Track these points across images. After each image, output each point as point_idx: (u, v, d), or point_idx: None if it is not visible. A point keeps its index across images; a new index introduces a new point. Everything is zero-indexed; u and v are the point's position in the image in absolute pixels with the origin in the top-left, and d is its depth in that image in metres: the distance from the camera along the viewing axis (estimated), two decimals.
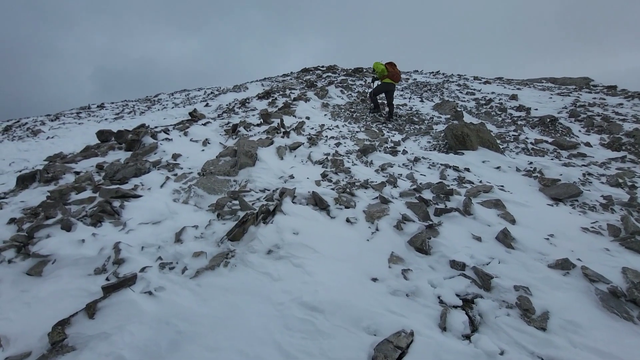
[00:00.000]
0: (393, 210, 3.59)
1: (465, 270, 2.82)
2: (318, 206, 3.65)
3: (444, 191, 3.89)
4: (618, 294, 2.60)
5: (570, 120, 8.90)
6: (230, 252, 2.97)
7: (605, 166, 5.47)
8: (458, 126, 5.66)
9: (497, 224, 3.39)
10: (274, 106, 9.75)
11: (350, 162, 4.98)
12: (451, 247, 3.06)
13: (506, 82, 16.90)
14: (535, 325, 2.31)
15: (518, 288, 2.59)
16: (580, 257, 3.04)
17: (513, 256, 3.02)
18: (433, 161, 5.10)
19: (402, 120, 8.53)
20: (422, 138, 6.65)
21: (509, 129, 8.12)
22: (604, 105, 10.97)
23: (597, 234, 3.42)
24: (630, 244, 3.20)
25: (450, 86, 14.28)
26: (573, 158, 5.89)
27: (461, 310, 2.43)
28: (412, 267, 2.91)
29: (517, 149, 6.30)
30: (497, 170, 5.00)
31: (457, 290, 2.60)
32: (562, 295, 2.62)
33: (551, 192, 4.24)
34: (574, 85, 15.74)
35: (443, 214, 3.55)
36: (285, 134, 5.97)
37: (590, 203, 4.01)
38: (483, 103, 11.29)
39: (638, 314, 2.48)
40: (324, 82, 14.56)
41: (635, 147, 6.48)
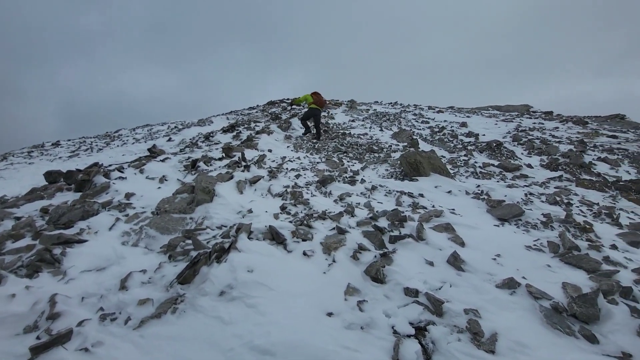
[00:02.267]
0: (350, 240, 3.59)
1: (418, 296, 2.83)
2: (275, 240, 3.58)
3: (399, 218, 3.97)
4: (560, 309, 2.71)
5: (514, 144, 9.62)
6: (180, 297, 2.79)
7: (544, 185, 5.89)
8: (411, 154, 5.92)
9: (448, 248, 3.48)
10: (238, 139, 9.73)
11: (310, 194, 4.99)
12: (405, 274, 3.08)
13: (457, 110, 18.14)
14: (484, 348, 2.33)
15: (468, 311, 2.63)
16: (525, 275, 3.16)
17: (463, 279, 3.09)
18: (390, 188, 5.25)
19: (362, 149, 8.80)
20: (380, 166, 6.86)
21: (460, 154, 8.60)
22: (542, 129, 12.01)
23: (539, 251, 3.61)
24: (568, 259, 3.39)
25: (407, 115, 15.07)
26: (516, 179, 6.30)
27: (414, 340, 2.41)
28: (367, 297, 2.88)
29: (467, 172, 6.66)
30: (448, 195, 5.22)
31: (410, 318, 2.59)
32: (510, 315, 2.68)
33: (497, 212, 4.46)
34: (516, 112, 17.20)
35: (397, 241, 3.60)
36: (246, 167, 5.93)
37: (532, 221, 4.26)
38: (437, 131, 11.96)
39: (579, 329, 2.58)
40: (288, 114, 14.84)
41: (570, 167, 7.07)
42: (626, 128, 13.47)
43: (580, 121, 13.31)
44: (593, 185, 5.72)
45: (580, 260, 3.31)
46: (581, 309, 2.66)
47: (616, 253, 3.53)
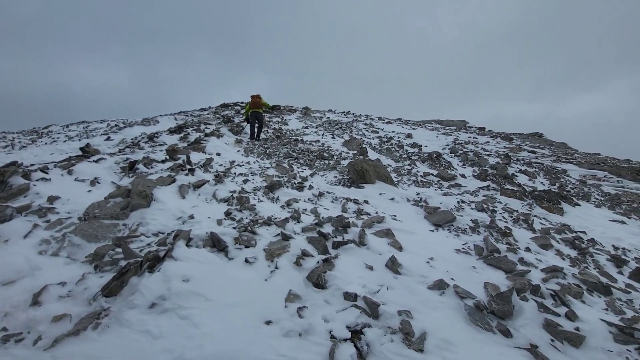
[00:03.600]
0: (294, 247, 3.57)
1: (357, 300, 2.89)
2: (216, 247, 3.43)
3: (343, 224, 4.05)
4: (481, 307, 2.95)
5: (451, 156, 10.40)
6: (104, 311, 2.54)
7: (475, 194, 6.43)
8: (358, 162, 6.11)
9: (387, 252, 3.62)
10: (186, 141, 9.25)
11: (257, 199, 4.89)
12: (346, 279, 3.14)
13: (404, 122, 19.19)
14: (414, 347, 2.44)
15: (401, 313, 2.74)
16: (453, 276, 3.40)
17: (399, 281, 3.23)
18: (337, 195, 5.35)
19: (313, 155, 8.87)
20: (329, 173, 6.96)
21: (405, 163, 9.08)
22: (475, 143, 13.16)
23: (467, 254, 3.91)
24: (490, 261, 3.72)
25: (358, 125, 15.57)
26: (452, 188, 6.80)
27: (350, 343, 2.45)
28: (308, 303, 2.87)
29: (410, 181, 7.04)
30: (391, 202, 5.46)
31: (348, 322, 2.63)
32: (438, 314, 2.85)
33: (433, 219, 4.76)
34: (455, 126, 18.68)
35: (340, 246, 3.66)
36: (191, 171, 5.64)
37: (462, 227, 4.61)
38: (385, 140, 12.53)
39: (496, 324, 2.82)
40: (241, 117, 14.49)
41: (496, 178, 7.82)
42: (543, 145, 15.33)
43: (507, 137, 14.85)
44: (514, 194, 6.38)
45: (500, 261, 3.65)
46: (498, 306, 2.92)
47: (529, 255, 3.96)
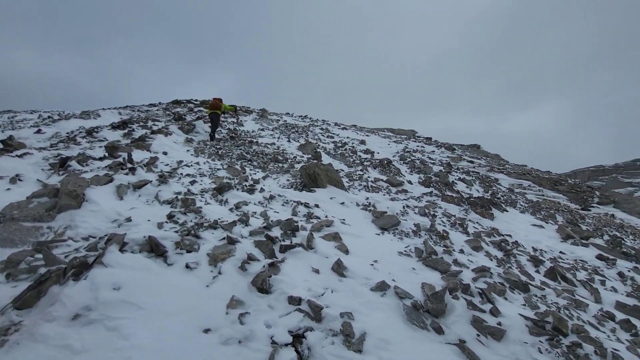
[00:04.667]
0: (240, 251, 3.46)
1: (301, 304, 2.88)
2: (154, 252, 3.20)
3: (292, 227, 4.02)
4: (418, 306, 3.09)
5: (400, 163, 10.91)
6: (14, 326, 2.23)
7: (419, 199, 6.80)
8: (311, 166, 6.14)
9: (334, 256, 3.66)
10: (130, 138, 8.60)
11: (204, 201, 4.68)
12: (291, 283, 3.11)
13: (359, 129, 19.76)
14: (353, 349, 2.48)
15: (343, 315, 2.78)
16: (395, 277, 3.54)
17: (344, 284, 3.28)
18: (288, 198, 5.31)
19: (267, 158, 8.74)
20: (282, 176, 6.91)
21: (357, 168, 9.32)
22: (423, 151, 13.95)
23: (408, 256, 4.09)
24: (428, 262, 3.94)
25: (314, 129, 15.69)
26: (399, 193, 7.12)
27: (291, 348, 2.42)
28: (251, 309, 2.79)
29: (360, 186, 7.23)
30: (341, 206, 5.55)
31: (290, 327, 2.61)
32: (379, 315, 2.94)
33: (379, 222, 4.93)
34: (405, 135, 19.67)
35: (288, 250, 3.62)
36: (132, 170, 5.23)
37: (405, 230, 4.83)
38: (340, 146, 12.76)
39: (430, 322, 2.98)
40: (194, 116, 13.84)
41: (438, 184, 8.35)
42: (480, 155, 16.73)
43: (450, 147, 15.97)
44: (453, 200, 6.86)
45: (436, 263, 3.88)
46: (433, 305, 3.09)
47: (463, 256, 4.26)
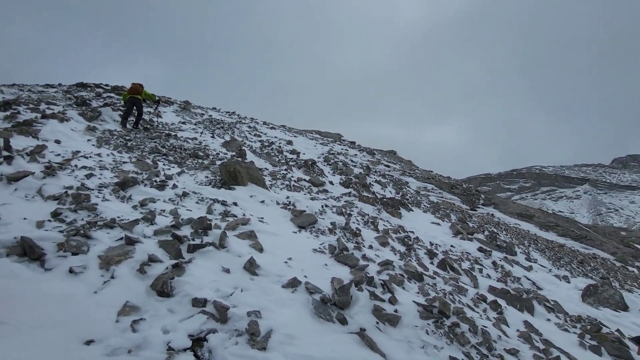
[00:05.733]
0: (140, 252, 3.11)
1: (206, 306, 2.71)
2: (27, 256, 2.68)
3: (204, 226, 3.79)
4: (326, 300, 3.19)
5: (324, 164, 11.24)
6: None
7: (338, 199, 7.08)
8: (231, 163, 5.90)
9: (247, 254, 3.55)
10: (12, 121, 7.09)
11: (101, 197, 4.10)
12: (197, 284, 2.91)
13: (288, 129, 19.79)
14: (257, 347, 2.43)
15: (250, 314, 2.71)
16: (307, 274, 3.59)
17: (255, 282, 3.21)
18: (204, 196, 5.00)
19: (186, 153, 8.12)
20: (201, 173, 6.48)
21: (282, 168, 9.29)
22: (346, 154, 14.63)
23: (322, 253, 4.21)
24: (339, 258, 4.11)
25: (241, 127, 15.18)
26: (320, 193, 7.32)
27: (190, 353, 2.26)
28: (147, 315, 2.52)
29: (283, 185, 7.22)
30: (261, 204, 5.46)
31: (191, 331, 2.43)
32: (288, 311, 2.94)
33: (298, 221, 4.98)
34: (332, 138, 20.39)
35: (197, 249, 3.40)
36: (7, 159, 4.31)
37: (322, 228, 4.97)
38: (267, 145, 12.57)
39: (336, 314, 3.10)
40: (101, 102, 12.13)
41: (357, 186, 8.84)
42: (396, 161, 18.30)
43: (371, 152, 17.10)
44: (368, 200, 7.32)
45: (347, 258, 4.07)
46: (339, 297, 3.22)
47: (371, 251, 4.56)
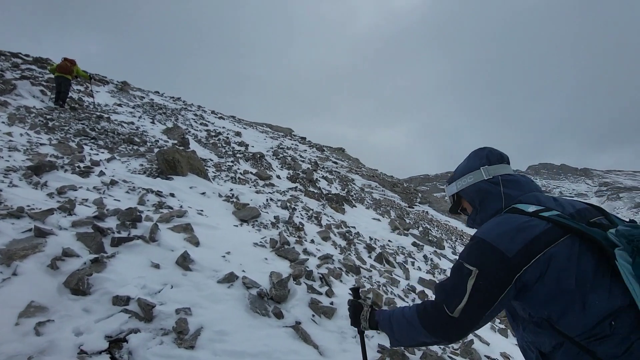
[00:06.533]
0: (52, 245, 2.74)
1: (129, 304, 2.49)
2: None
3: (132, 217, 3.47)
4: (263, 295, 3.14)
5: (273, 158, 11.09)
6: None
7: (284, 194, 7.03)
8: (170, 151, 5.50)
9: (181, 248, 3.34)
10: None
11: (7, 183, 3.53)
12: (120, 281, 2.66)
13: (237, 120, 19.10)
14: (185, 345, 2.30)
15: (179, 311, 2.55)
16: (245, 268, 3.50)
17: (188, 278, 3.03)
18: (136, 185, 4.57)
19: (119, 138, 7.38)
20: (135, 160, 5.94)
21: (228, 159, 8.94)
22: (296, 149, 14.59)
23: (262, 247, 4.14)
24: (280, 252, 4.08)
25: (187, 114, 14.25)
26: (266, 187, 7.19)
27: (106, 355, 2.06)
28: (56, 316, 2.24)
29: (227, 177, 6.95)
30: (202, 196, 5.18)
31: (109, 331, 2.21)
32: (221, 307, 2.83)
33: (240, 214, 4.83)
34: (282, 133, 20.18)
35: (123, 243, 3.10)
36: None
37: (265, 222, 4.89)
38: (213, 135, 11.99)
39: (273, 308, 3.07)
40: (17, 74, 10.44)
41: (304, 181, 8.87)
42: (344, 158, 18.77)
43: (320, 148, 17.29)
44: (314, 196, 7.40)
45: (287, 252, 4.06)
46: (277, 291, 3.20)
47: (312, 246, 4.61)
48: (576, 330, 0.92)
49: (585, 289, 0.92)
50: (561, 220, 0.99)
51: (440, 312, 1.05)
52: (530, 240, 0.97)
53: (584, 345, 0.91)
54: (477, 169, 1.27)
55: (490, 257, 1.00)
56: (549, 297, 0.96)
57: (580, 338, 0.91)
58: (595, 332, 0.89)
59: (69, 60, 9.26)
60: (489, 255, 1.00)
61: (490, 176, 1.23)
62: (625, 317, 0.88)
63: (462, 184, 1.30)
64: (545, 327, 0.98)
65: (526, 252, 0.96)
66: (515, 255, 0.96)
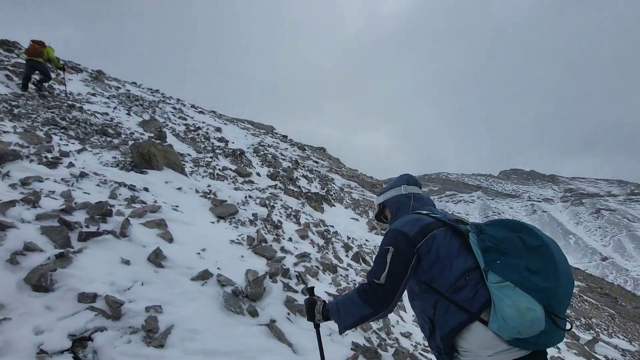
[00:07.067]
0: (13, 239, 2.57)
1: (96, 301, 2.38)
2: None
3: (102, 212, 3.32)
4: (237, 292, 3.09)
5: (253, 155, 10.94)
6: None
7: (263, 191, 6.96)
8: (145, 144, 5.30)
9: (153, 244, 3.23)
10: None
11: None
12: (87, 277, 2.54)
13: (218, 116, 18.69)
14: (154, 344, 2.23)
15: (149, 309, 2.47)
16: (221, 266, 3.43)
17: (160, 275, 2.94)
18: (108, 178, 4.37)
19: (92, 129, 7.04)
20: (108, 152, 5.68)
21: (207, 155, 8.74)
22: (277, 147, 14.48)
23: (239, 244, 4.08)
24: (257, 250, 4.04)
25: (165, 107, 13.80)
26: (245, 184, 7.09)
27: (69, 354, 1.96)
28: (14, 314, 2.10)
29: (206, 173, 6.79)
30: (178, 191, 5.03)
31: (73, 330, 2.11)
32: (194, 305, 2.77)
33: (217, 211, 4.73)
34: (264, 130, 19.96)
35: (91, 238, 2.96)
36: None
37: (243, 219, 4.82)
38: (192, 129, 11.67)
39: (247, 306, 3.03)
40: None
41: (284, 179, 8.82)
42: (325, 158, 18.81)
43: (302, 147, 17.24)
44: (294, 194, 7.37)
45: (264, 250, 4.02)
46: (253, 289, 3.17)
47: (290, 244, 4.59)
48: (445, 286, 1.36)
49: (452, 257, 1.40)
50: (441, 218, 1.54)
51: (371, 285, 1.48)
52: (423, 226, 1.48)
53: (450, 297, 1.34)
54: (399, 187, 1.80)
55: (399, 238, 1.48)
56: (431, 264, 1.42)
57: (448, 292, 1.35)
58: (457, 285, 1.34)
59: (37, 42, 8.70)
60: (398, 237, 1.49)
61: (406, 192, 1.77)
62: (474, 273, 1.35)
63: (387, 196, 1.83)
64: (427, 290, 1.42)
65: (421, 233, 1.47)
66: (414, 235, 1.46)
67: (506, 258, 1.30)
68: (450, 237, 1.46)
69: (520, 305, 1.18)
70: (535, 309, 1.18)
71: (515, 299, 1.20)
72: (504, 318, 1.19)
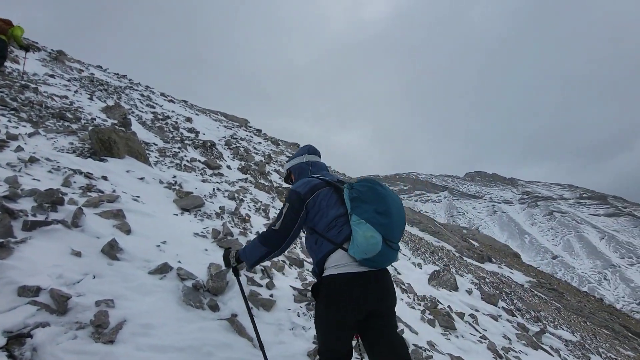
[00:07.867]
0: None
1: (39, 295, 2.21)
2: None
3: (52, 200, 3.08)
4: (198, 287, 3.00)
5: (225, 147, 10.65)
6: None
7: (233, 184, 6.80)
8: (106, 130, 4.97)
9: (109, 236, 3.04)
10: None
11: None
12: (30, 270, 2.34)
13: (189, 106, 18.00)
14: (103, 340, 2.11)
15: (100, 303, 2.33)
16: (182, 259, 3.31)
17: (114, 268, 2.78)
18: (61, 165, 4.06)
19: (48, 112, 6.52)
20: (64, 138, 5.28)
21: (175, 145, 8.39)
22: (250, 141, 14.19)
23: (204, 238, 3.96)
24: (222, 243, 3.94)
25: (132, 93, 13.07)
26: (214, 176, 6.88)
27: (2, 352, 1.80)
28: None
29: (172, 163, 6.51)
30: (140, 181, 4.78)
31: (9, 326, 1.94)
32: (149, 299, 2.65)
33: (182, 203, 4.56)
34: (237, 123, 19.48)
35: (37, 227, 2.73)
36: None
37: (209, 212, 4.67)
38: (160, 118, 11.14)
39: (208, 301, 2.95)
40: None
41: (255, 173, 8.67)
42: None
43: (276, 142, 17.03)
44: (264, 188, 7.26)
45: (230, 243, 3.93)
46: (214, 283, 3.08)
47: None
48: (322, 228, 1.89)
49: (329, 207, 1.92)
50: (329, 180, 2.04)
51: (269, 230, 1.97)
52: (312, 186, 1.98)
53: (324, 234, 1.87)
54: (302, 155, 2.32)
55: (294, 196, 1.96)
56: (315, 214, 1.93)
57: (323, 231, 1.88)
58: (329, 226, 1.88)
59: (2, 20, 8.08)
60: (293, 195, 1.97)
61: (307, 160, 2.29)
62: (343, 218, 1.87)
63: (292, 163, 2.36)
64: (312, 232, 1.96)
65: (310, 192, 1.96)
66: (304, 194, 1.95)
67: (364, 204, 1.80)
68: (332, 193, 1.97)
69: (367, 234, 1.72)
70: (376, 237, 1.72)
71: (365, 231, 1.73)
72: (357, 245, 1.73)
